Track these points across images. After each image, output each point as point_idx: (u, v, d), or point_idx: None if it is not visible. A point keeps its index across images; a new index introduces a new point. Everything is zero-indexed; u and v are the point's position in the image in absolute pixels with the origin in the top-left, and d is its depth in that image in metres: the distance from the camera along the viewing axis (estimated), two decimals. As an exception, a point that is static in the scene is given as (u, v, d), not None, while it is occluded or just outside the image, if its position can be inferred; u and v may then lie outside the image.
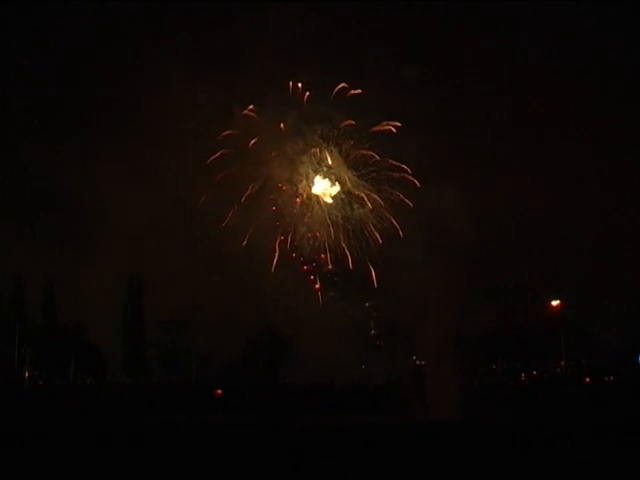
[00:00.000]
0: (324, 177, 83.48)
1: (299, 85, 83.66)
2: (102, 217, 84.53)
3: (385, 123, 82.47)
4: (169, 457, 32.93)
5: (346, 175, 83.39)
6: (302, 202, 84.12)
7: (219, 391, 73.62)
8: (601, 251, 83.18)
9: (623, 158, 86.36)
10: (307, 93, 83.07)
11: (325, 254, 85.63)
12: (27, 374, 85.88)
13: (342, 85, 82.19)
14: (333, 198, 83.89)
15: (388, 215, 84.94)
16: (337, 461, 31.05)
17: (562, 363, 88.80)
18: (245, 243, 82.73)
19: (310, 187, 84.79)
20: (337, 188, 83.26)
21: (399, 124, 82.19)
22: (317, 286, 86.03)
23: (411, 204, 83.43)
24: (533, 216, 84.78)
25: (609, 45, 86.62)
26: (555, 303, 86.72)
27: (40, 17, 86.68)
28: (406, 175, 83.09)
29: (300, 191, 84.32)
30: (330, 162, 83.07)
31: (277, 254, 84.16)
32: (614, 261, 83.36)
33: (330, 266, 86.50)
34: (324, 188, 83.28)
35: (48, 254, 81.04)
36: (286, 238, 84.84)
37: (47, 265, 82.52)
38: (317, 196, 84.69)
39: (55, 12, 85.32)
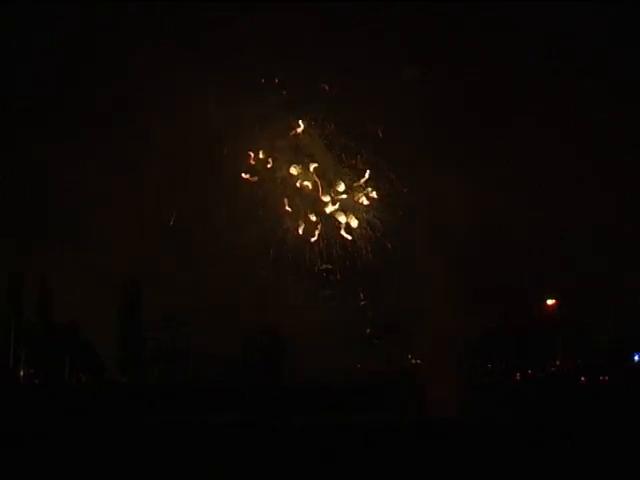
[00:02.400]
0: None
1: (276, 81, 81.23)
2: (101, 216, 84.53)
3: (373, 128, 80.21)
4: (169, 457, 32.88)
5: (328, 161, 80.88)
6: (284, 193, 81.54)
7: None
8: (600, 251, 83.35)
9: (623, 158, 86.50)
10: (284, 92, 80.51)
11: (316, 251, 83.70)
12: (22, 373, 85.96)
13: (323, 85, 79.85)
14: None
15: (381, 213, 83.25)
16: (337, 461, 31.06)
17: (557, 362, 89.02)
18: (235, 242, 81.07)
19: (289, 173, 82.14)
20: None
21: (383, 127, 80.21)
22: (304, 285, 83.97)
23: (404, 210, 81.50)
24: (533, 216, 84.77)
25: (609, 45, 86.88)
26: (551, 302, 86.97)
27: (40, 17, 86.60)
28: (395, 181, 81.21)
29: (280, 181, 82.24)
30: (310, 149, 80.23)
31: (268, 253, 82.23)
32: (613, 261, 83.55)
33: (326, 265, 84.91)
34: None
35: (45, 253, 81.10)
36: (273, 234, 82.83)
37: (44, 264, 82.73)
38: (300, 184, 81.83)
39: (55, 12, 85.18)
